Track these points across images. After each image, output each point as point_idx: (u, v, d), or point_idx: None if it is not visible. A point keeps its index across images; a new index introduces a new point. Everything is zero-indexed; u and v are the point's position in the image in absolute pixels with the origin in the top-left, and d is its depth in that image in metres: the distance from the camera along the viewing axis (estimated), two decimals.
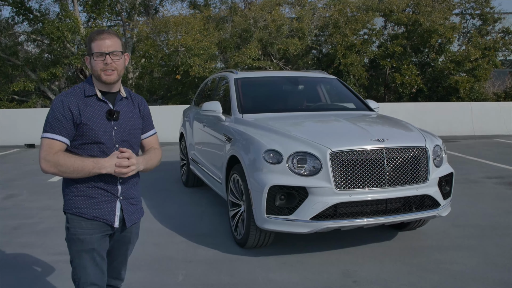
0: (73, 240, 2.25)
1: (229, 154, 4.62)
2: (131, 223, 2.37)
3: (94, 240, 2.24)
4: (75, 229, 2.23)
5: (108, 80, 2.22)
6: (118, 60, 2.22)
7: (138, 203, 2.44)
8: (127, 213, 2.34)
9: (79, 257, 2.24)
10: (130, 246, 2.50)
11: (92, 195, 2.24)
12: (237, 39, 16.50)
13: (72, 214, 2.25)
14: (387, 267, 3.92)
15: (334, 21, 16.79)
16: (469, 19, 19.28)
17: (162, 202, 6.23)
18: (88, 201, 2.23)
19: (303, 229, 3.83)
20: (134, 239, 2.50)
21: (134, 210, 2.39)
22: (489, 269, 3.85)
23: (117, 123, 2.26)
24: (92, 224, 2.24)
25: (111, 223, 2.27)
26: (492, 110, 14.45)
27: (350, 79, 16.23)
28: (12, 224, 5.27)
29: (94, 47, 2.19)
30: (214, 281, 3.70)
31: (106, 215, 2.26)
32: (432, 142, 4.23)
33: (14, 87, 15.83)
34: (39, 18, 16.51)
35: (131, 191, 2.37)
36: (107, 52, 2.18)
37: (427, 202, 4.08)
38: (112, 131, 2.24)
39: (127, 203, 2.34)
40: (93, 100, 2.24)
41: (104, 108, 2.25)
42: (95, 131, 2.19)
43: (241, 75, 5.78)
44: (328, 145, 3.86)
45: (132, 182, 2.37)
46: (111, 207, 2.28)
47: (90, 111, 2.21)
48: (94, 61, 2.20)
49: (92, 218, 2.23)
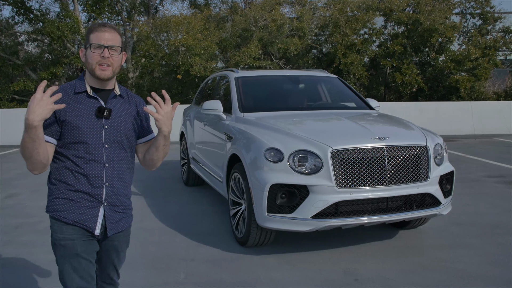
0: (56, 246, 2.13)
1: (230, 152, 4.62)
2: (113, 231, 2.20)
3: (76, 245, 2.10)
4: (57, 234, 2.12)
5: (102, 75, 2.09)
6: (116, 55, 2.11)
7: (126, 211, 2.27)
8: (110, 221, 2.17)
9: (64, 262, 2.11)
10: (118, 254, 2.33)
11: (73, 199, 2.10)
12: (238, 39, 16.50)
13: (52, 217, 2.14)
14: (388, 266, 3.92)
15: (334, 20, 16.79)
16: (469, 18, 19.26)
17: (163, 201, 6.23)
18: (69, 204, 2.10)
19: (304, 227, 3.83)
20: (122, 247, 2.33)
21: (119, 218, 2.22)
22: (490, 268, 3.85)
23: (108, 121, 2.13)
24: (74, 229, 2.11)
25: (91, 230, 2.12)
26: (492, 110, 14.45)
27: (351, 78, 16.23)
28: (13, 223, 5.27)
29: (93, 38, 2.08)
30: (215, 279, 3.70)
31: (86, 221, 2.11)
32: (433, 141, 4.23)
33: (14, 86, 15.83)
34: (40, 18, 16.52)
35: (118, 197, 2.20)
36: (106, 46, 2.07)
37: (428, 201, 4.08)
38: (102, 130, 2.11)
39: (112, 210, 2.18)
40: (83, 96, 2.12)
41: (95, 105, 2.12)
42: (80, 129, 2.07)
43: (241, 74, 5.78)
44: (329, 143, 3.86)
45: (121, 187, 2.21)
46: (93, 213, 2.13)
47: (77, 108, 2.09)
48: (91, 52, 2.08)
49: (71, 223, 2.10)
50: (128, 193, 2.29)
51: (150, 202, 6.16)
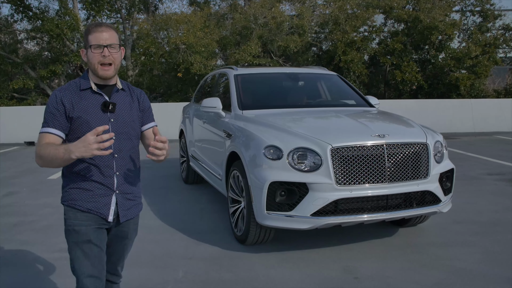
0: (69, 232, 2.24)
1: (229, 150, 4.60)
2: (125, 218, 2.34)
3: (89, 231, 2.22)
4: (71, 220, 2.24)
5: (104, 75, 2.22)
6: (115, 53, 2.22)
7: (136, 198, 2.41)
8: (122, 208, 2.31)
9: (76, 249, 2.23)
10: (127, 242, 2.46)
11: (88, 188, 2.23)
12: (237, 36, 16.46)
13: (67, 205, 2.26)
14: (388, 264, 3.91)
15: (334, 18, 16.74)
16: (469, 16, 19.21)
17: (162, 199, 6.21)
18: (84, 193, 2.23)
19: (304, 225, 3.82)
20: (132, 234, 2.46)
21: (130, 205, 2.36)
22: (490, 266, 3.84)
23: (114, 115, 2.25)
24: (87, 216, 2.23)
25: (105, 217, 2.26)
26: (492, 107, 14.44)
27: (350, 76, 16.20)
28: (12, 222, 5.25)
29: (92, 39, 2.18)
30: (214, 278, 3.68)
31: (100, 208, 2.24)
32: (433, 138, 4.21)
33: (13, 85, 15.79)
34: (39, 16, 16.45)
35: (129, 185, 2.33)
36: (105, 45, 2.17)
37: (428, 198, 4.07)
38: (108, 123, 2.22)
39: (124, 197, 2.32)
40: (88, 93, 2.24)
41: (100, 101, 2.24)
42: (89, 123, 2.17)
43: (241, 71, 5.75)
44: (329, 141, 3.84)
45: (130, 175, 2.34)
46: (106, 201, 2.26)
47: (85, 104, 2.21)
48: (92, 53, 2.19)
49: (87, 210, 2.22)
50: (137, 181, 2.41)
51: (149, 200, 6.14)
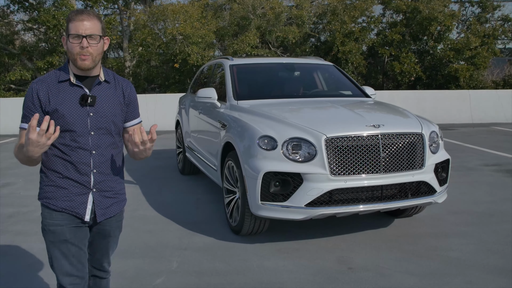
0: (45, 231, 2.15)
1: (224, 141, 4.58)
2: (104, 217, 2.21)
3: (66, 231, 2.12)
4: (46, 220, 2.14)
5: (82, 65, 2.07)
6: (95, 44, 2.07)
7: (118, 195, 2.27)
8: (100, 207, 2.18)
9: (53, 248, 2.14)
10: (110, 239, 2.33)
11: (63, 186, 2.12)
12: (235, 27, 16.36)
13: (42, 204, 2.16)
14: (383, 254, 3.91)
15: (332, 8, 16.64)
16: (468, 6, 19.12)
17: (158, 190, 6.20)
18: (59, 191, 2.12)
19: (298, 215, 3.81)
20: (114, 232, 2.33)
21: (110, 203, 2.23)
22: (485, 256, 3.84)
23: (93, 108, 2.12)
24: (63, 215, 2.12)
25: (81, 216, 2.14)
26: (490, 98, 14.41)
27: (348, 67, 16.14)
28: (7, 212, 5.25)
29: (71, 28, 2.04)
30: (208, 268, 3.68)
31: (76, 207, 2.13)
32: (429, 128, 4.19)
33: (10, 76, 15.74)
34: (35, 6, 16.34)
35: (108, 182, 2.21)
36: (84, 35, 2.03)
37: (423, 189, 4.06)
38: (87, 118, 2.10)
39: (102, 196, 2.19)
40: (66, 85, 2.11)
41: (79, 93, 2.11)
42: (65, 117, 2.06)
43: (236, 61, 5.72)
44: (323, 131, 3.82)
45: (110, 173, 2.21)
46: (82, 200, 2.14)
47: (62, 97, 2.09)
48: (70, 43, 2.05)
49: (61, 210, 2.12)
50: (118, 178, 2.28)
51: (145, 190, 6.13)
